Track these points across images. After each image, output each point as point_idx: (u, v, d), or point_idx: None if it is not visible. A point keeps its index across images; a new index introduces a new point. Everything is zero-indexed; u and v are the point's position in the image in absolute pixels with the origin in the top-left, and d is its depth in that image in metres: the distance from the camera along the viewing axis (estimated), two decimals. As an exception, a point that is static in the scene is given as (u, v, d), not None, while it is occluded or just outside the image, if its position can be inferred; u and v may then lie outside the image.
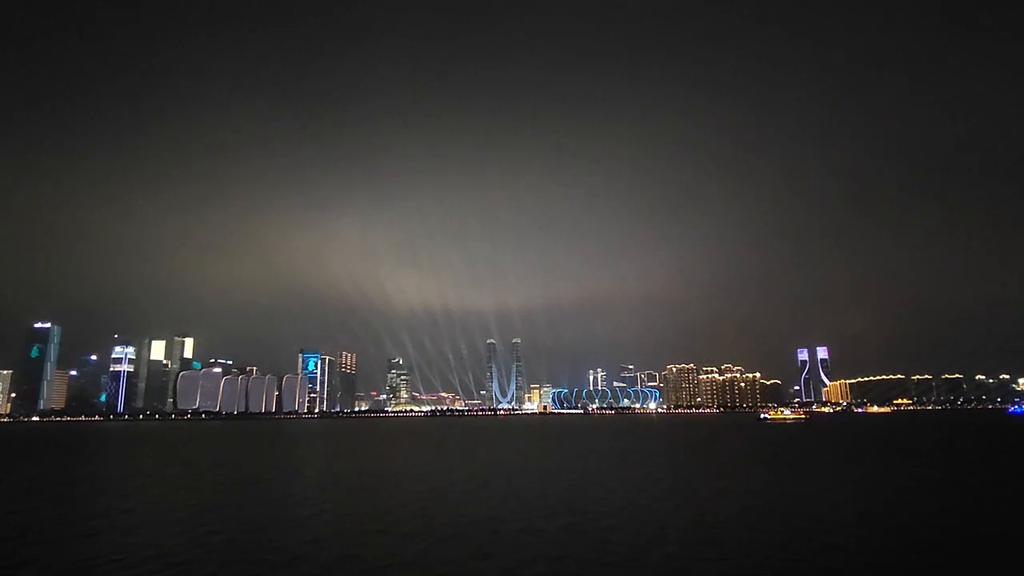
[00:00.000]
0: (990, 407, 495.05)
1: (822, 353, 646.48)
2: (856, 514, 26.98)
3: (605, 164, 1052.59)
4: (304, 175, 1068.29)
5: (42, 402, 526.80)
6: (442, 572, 18.23)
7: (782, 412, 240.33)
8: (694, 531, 23.36)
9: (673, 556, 19.56)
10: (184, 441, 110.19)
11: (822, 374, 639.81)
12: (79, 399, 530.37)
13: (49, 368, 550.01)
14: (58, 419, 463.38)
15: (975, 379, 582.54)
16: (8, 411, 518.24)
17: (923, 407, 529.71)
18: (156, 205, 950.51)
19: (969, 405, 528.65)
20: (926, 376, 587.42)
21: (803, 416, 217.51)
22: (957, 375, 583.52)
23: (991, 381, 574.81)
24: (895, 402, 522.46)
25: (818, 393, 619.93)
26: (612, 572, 17.97)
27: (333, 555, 20.38)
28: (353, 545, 21.86)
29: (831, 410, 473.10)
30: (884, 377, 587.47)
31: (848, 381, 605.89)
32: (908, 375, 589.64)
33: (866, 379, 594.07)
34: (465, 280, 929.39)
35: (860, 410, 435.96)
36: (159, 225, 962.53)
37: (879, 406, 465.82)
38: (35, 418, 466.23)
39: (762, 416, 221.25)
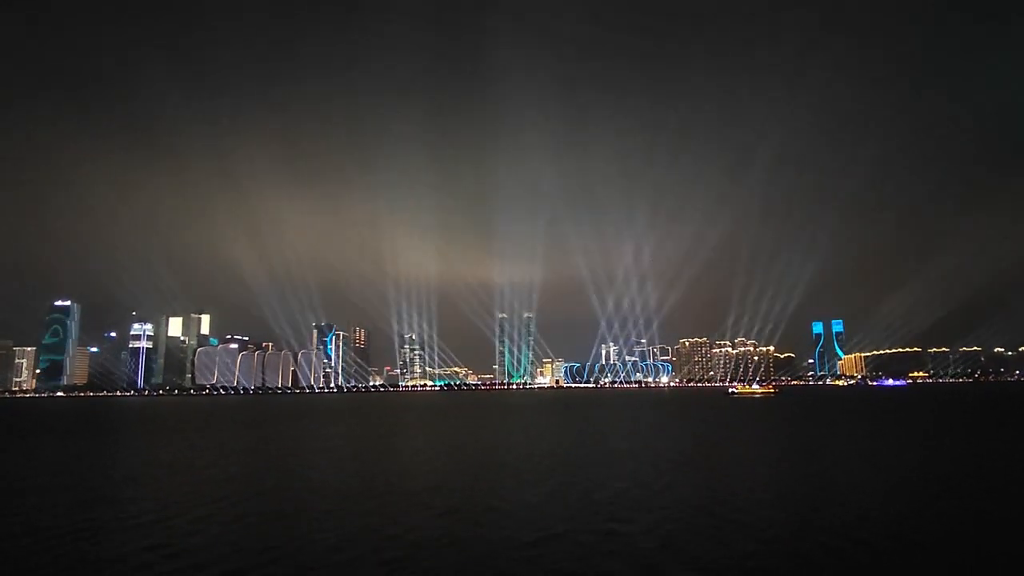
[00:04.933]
0: (1010, 379, 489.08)
1: (837, 326, 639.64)
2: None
3: (617, 138, 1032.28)
4: (317, 154, 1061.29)
5: (65, 378, 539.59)
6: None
7: (750, 387, 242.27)
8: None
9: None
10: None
11: (837, 347, 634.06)
12: (100, 375, 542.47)
13: (71, 345, 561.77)
14: (81, 394, 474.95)
15: (994, 352, 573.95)
16: (33, 387, 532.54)
17: (941, 380, 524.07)
18: (171, 186, 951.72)
19: (988, 378, 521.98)
20: (943, 349, 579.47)
21: (772, 391, 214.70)
22: (975, 348, 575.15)
23: (1010, 354, 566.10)
24: (911, 375, 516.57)
25: (832, 366, 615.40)
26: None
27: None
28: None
29: (845, 383, 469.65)
30: (900, 350, 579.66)
31: (863, 354, 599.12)
32: (925, 348, 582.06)
33: (881, 352, 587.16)
34: (477, 255, 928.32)
35: (877, 383, 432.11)
36: (173, 205, 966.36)
37: (894, 379, 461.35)
38: (59, 393, 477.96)
39: (731, 391, 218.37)
